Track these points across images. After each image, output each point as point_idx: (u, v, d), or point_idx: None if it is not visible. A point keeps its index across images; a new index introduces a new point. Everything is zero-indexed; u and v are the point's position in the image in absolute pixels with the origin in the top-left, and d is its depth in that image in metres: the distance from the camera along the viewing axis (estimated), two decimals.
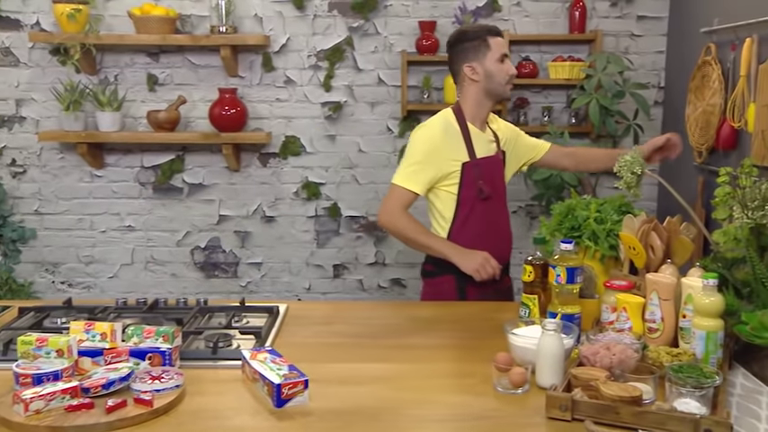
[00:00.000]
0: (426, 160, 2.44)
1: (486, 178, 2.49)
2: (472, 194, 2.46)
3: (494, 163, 2.54)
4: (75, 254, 3.96)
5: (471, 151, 2.47)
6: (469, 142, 2.48)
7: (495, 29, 2.52)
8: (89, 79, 3.78)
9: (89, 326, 1.73)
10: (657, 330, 1.80)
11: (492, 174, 2.52)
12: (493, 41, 2.47)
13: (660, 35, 3.77)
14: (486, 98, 2.51)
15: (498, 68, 2.47)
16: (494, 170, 2.53)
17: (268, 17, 3.76)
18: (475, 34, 2.50)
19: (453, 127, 2.48)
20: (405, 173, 2.45)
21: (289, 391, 1.55)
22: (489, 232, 2.51)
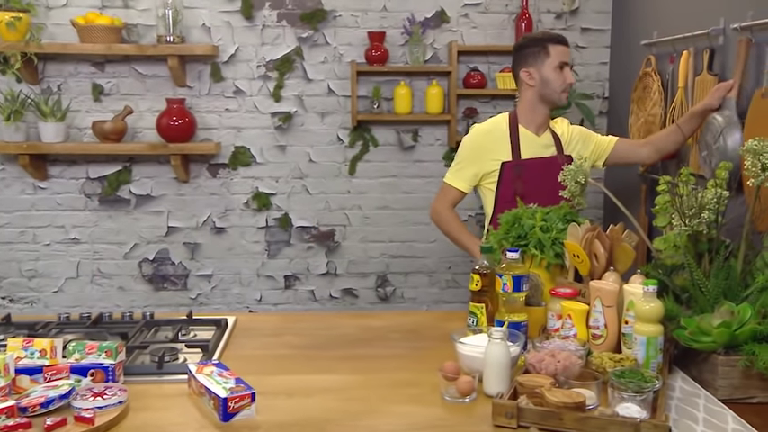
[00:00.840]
0: (468, 159, 2.70)
1: (528, 179, 2.61)
2: (510, 193, 2.61)
3: (546, 165, 2.61)
4: (18, 268, 3.85)
5: (516, 152, 2.64)
6: (516, 144, 2.65)
7: (559, 37, 2.65)
8: (31, 89, 3.69)
9: (28, 342, 1.69)
10: (601, 337, 1.84)
11: (540, 175, 2.59)
12: (553, 49, 2.61)
13: (603, 47, 3.86)
14: (541, 103, 2.68)
15: (555, 76, 2.62)
16: (544, 172, 2.57)
17: (216, 27, 3.73)
18: (537, 41, 2.66)
19: (501, 129, 2.68)
20: (451, 171, 2.76)
21: (235, 404, 1.54)
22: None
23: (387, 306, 3.99)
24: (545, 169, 2.62)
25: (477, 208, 3.93)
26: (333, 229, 3.93)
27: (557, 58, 2.63)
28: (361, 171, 3.90)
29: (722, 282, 1.81)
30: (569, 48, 2.72)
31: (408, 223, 3.95)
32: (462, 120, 3.85)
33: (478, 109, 3.87)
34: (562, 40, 2.66)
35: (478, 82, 3.77)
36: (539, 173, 2.62)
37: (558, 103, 2.72)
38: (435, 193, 3.90)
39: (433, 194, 3.90)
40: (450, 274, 4.01)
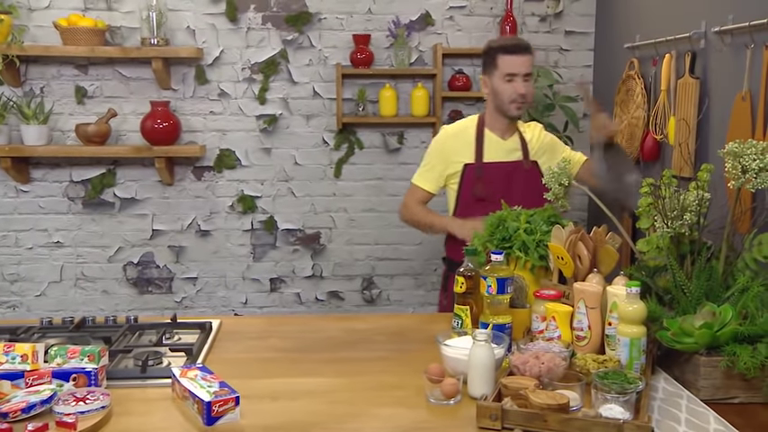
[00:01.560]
0: (435, 160, 2.73)
1: (489, 182, 2.62)
2: (470, 195, 2.66)
3: (508, 169, 2.64)
4: (0, 272, 3.82)
5: (479, 155, 2.65)
6: (480, 147, 2.65)
7: (512, 47, 2.59)
8: (13, 91, 3.66)
9: (8, 347, 1.67)
10: (585, 338, 1.85)
11: (501, 179, 2.62)
12: (501, 60, 2.57)
13: (587, 50, 3.89)
14: (496, 111, 2.67)
15: (504, 87, 2.59)
16: (506, 176, 2.63)
17: (201, 30, 3.72)
18: (490, 50, 2.64)
19: (468, 131, 2.69)
20: (419, 172, 2.80)
21: (219, 408, 1.53)
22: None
23: (373, 308, 3.99)
24: (507, 173, 2.65)
25: None
26: (318, 232, 3.93)
27: (505, 68, 2.58)
28: (347, 173, 3.90)
29: (704, 283, 1.83)
30: (528, 56, 2.61)
31: (394, 226, 3.95)
32: (447, 122, 3.85)
33: (463, 111, 3.88)
34: (514, 50, 2.58)
35: (463, 84, 3.78)
36: (500, 176, 2.64)
37: (509, 114, 2.64)
38: None
39: None
40: (437, 276, 4.01)
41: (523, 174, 2.66)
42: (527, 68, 2.60)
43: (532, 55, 2.63)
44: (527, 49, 2.62)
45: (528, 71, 2.62)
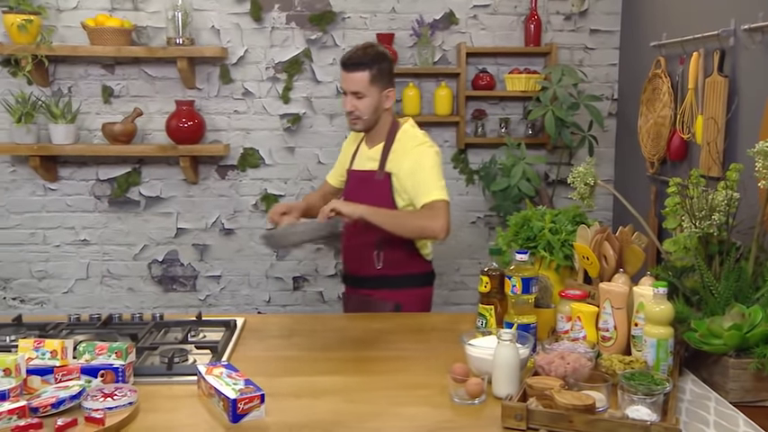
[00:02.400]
0: (338, 158, 2.82)
1: (347, 190, 2.64)
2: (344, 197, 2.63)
3: (363, 179, 2.57)
4: (28, 269, 3.87)
5: (351, 161, 2.67)
6: (355, 153, 2.66)
7: (344, 62, 2.46)
8: (42, 91, 3.71)
9: (39, 343, 1.70)
10: (611, 339, 1.83)
11: (357, 187, 2.57)
12: (342, 74, 2.50)
13: (613, 48, 3.85)
14: None
15: (342, 98, 2.57)
16: (361, 185, 2.57)
17: (225, 29, 3.74)
18: (342, 59, 2.51)
19: (357, 136, 2.68)
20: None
21: (245, 405, 1.54)
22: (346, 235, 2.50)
23: None
24: (362, 183, 2.56)
25: (486, 209, 3.93)
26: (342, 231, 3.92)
27: (342, 81, 2.51)
28: None
29: (733, 284, 1.80)
30: (360, 73, 2.43)
31: None
32: (471, 121, 3.85)
33: (487, 111, 3.86)
34: (345, 65, 2.46)
35: (487, 83, 3.76)
36: (356, 184, 2.60)
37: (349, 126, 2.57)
38: None
39: None
40: (459, 275, 4.00)
41: (373, 184, 2.52)
42: (356, 87, 2.44)
43: (369, 72, 2.43)
44: (360, 65, 2.43)
45: (356, 90, 2.44)
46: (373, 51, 2.49)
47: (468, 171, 3.92)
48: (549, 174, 3.92)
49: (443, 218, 2.37)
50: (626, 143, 3.75)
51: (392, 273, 2.54)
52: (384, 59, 2.49)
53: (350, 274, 2.69)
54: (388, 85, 2.52)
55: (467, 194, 3.94)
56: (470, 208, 3.95)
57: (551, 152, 3.85)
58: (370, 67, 2.44)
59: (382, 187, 2.50)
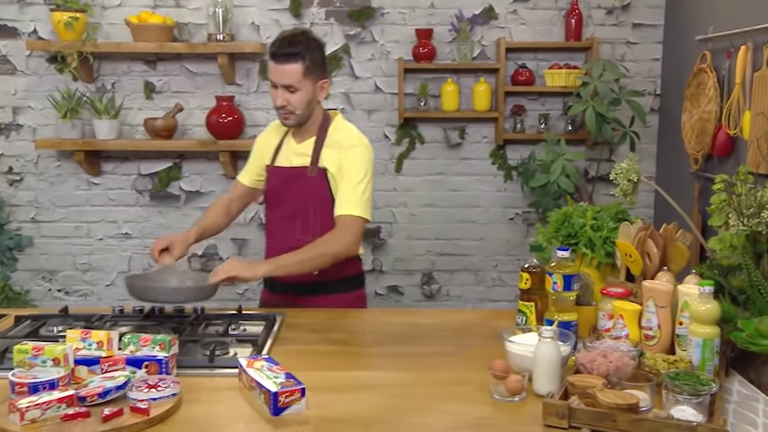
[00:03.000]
0: (252, 153, 2.55)
1: (272, 187, 2.42)
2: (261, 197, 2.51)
3: (292, 176, 2.37)
4: (72, 262, 3.95)
5: (274, 157, 2.44)
6: (279, 148, 2.44)
7: (274, 53, 2.24)
8: (86, 87, 3.78)
9: (85, 334, 1.73)
10: (654, 338, 1.81)
11: (285, 185, 2.39)
12: (269, 63, 2.28)
13: (656, 43, 3.78)
14: None
15: (270, 92, 2.33)
16: (290, 182, 2.38)
17: (265, 25, 3.77)
18: (270, 45, 2.30)
19: (277, 129, 2.47)
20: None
21: (286, 399, 1.55)
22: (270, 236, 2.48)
23: (432, 304, 3.99)
24: (295, 179, 2.37)
25: (525, 206, 3.90)
26: (379, 227, 3.94)
27: (269, 73, 2.29)
28: (408, 168, 3.89)
29: None
30: (293, 65, 2.22)
31: (454, 221, 3.94)
32: (510, 117, 3.82)
33: (526, 106, 3.83)
34: (275, 57, 2.24)
35: (527, 79, 3.73)
36: (286, 180, 2.39)
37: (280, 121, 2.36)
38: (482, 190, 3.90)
39: (480, 192, 3.91)
40: (497, 272, 3.98)
41: (307, 181, 2.35)
42: (288, 80, 2.23)
43: (302, 64, 2.22)
44: (291, 57, 2.22)
45: (288, 83, 2.24)
46: (305, 40, 2.27)
47: (506, 167, 3.89)
48: (589, 170, 3.87)
49: (352, 235, 2.27)
50: (669, 139, 3.68)
51: (328, 278, 2.36)
52: (318, 48, 2.30)
53: (278, 280, 2.41)
54: (322, 76, 2.32)
55: (505, 191, 3.92)
56: (508, 204, 3.93)
57: (591, 148, 3.81)
58: (304, 58, 2.23)
59: (317, 184, 2.34)
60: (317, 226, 2.34)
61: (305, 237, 2.32)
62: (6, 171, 3.86)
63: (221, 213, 2.56)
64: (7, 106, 3.80)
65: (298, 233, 2.35)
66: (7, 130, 3.83)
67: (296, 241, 2.31)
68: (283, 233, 2.39)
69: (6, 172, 3.86)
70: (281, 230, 2.41)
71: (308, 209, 2.36)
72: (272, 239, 2.47)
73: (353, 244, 2.30)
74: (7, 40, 3.74)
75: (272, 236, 2.47)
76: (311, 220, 2.36)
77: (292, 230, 2.37)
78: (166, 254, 2.30)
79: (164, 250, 2.31)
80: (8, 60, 3.77)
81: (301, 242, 2.29)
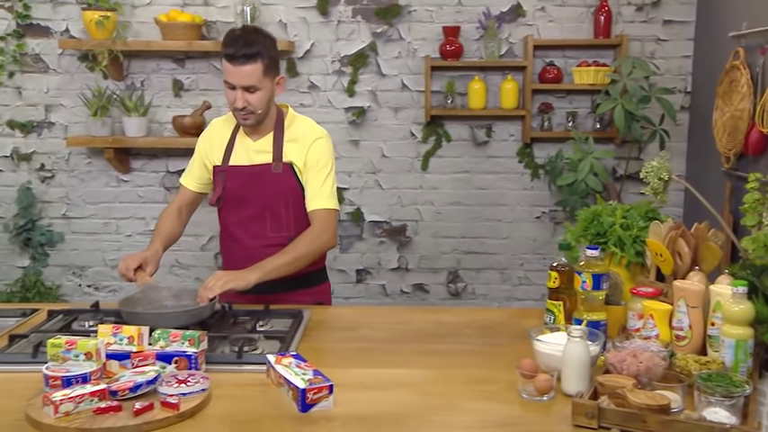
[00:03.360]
0: (195, 156, 2.46)
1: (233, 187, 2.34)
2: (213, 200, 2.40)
3: (255, 174, 2.32)
4: (102, 257, 4.01)
5: (226, 157, 2.36)
6: (230, 148, 2.36)
7: (231, 54, 2.16)
8: (116, 85, 3.83)
9: (116, 329, 1.75)
10: (685, 338, 1.78)
11: (249, 184, 2.33)
12: (225, 65, 2.19)
13: (687, 39, 3.73)
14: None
15: (226, 93, 2.24)
16: (254, 180, 2.32)
17: (292, 23, 3.78)
18: (223, 45, 2.20)
19: (222, 128, 2.40)
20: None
21: (314, 396, 1.56)
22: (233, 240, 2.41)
23: (457, 302, 3.98)
24: (251, 178, 2.32)
25: (552, 204, 3.87)
26: (405, 224, 3.94)
27: (225, 74, 2.21)
28: (434, 166, 3.89)
29: None
30: (252, 65, 2.16)
31: (480, 219, 3.92)
32: (537, 115, 3.80)
33: (554, 104, 3.80)
34: (232, 58, 2.15)
35: (554, 77, 3.70)
36: (244, 182, 2.33)
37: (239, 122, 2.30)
38: (509, 189, 3.88)
39: (506, 190, 3.89)
40: (523, 271, 3.95)
41: (273, 177, 2.31)
42: (248, 81, 2.18)
43: (262, 63, 2.17)
44: (251, 57, 2.15)
45: (249, 84, 2.18)
46: (262, 38, 2.21)
47: (533, 165, 3.87)
48: (617, 168, 3.83)
49: (332, 229, 2.30)
50: (699, 137, 3.63)
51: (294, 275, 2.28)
52: (273, 45, 2.25)
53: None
54: (278, 72, 2.29)
55: (531, 189, 3.89)
56: (535, 203, 3.90)
57: (620, 146, 3.77)
58: (263, 57, 2.18)
59: (285, 179, 2.31)
60: (290, 221, 2.34)
61: (278, 233, 2.32)
62: (39, 168, 3.92)
63: (175, 221, 2.46)
64: (40, 104, 3.86)
65: (269, 231, 2.34)
66: (39, 127, 3.89)
67: (268, 240, 2.32)
68: (252, 233, 2.35)
69: (39, 169, 3.92)
70: (249, 231, 2.36)
71: (279, 205, 2.33)
72: (235, 242, 2.40)
73: (334, 237, 2.32)
74: (40, 39, 3.80)
75: (236, 238, 2.39)
76: (283, 215, 2.34)
77: (263, 229, 2.35)
78: (140, 272, 2.22)
79: (137, 268, 2.23)
80: (41, 59, 3.83)
81: (274, 240, 2.30)
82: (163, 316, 1.96)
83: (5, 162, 3.92)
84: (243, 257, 2.29)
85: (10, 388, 1.69)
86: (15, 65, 3.80)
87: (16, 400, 1.60)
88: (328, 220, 2.31)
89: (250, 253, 2.30)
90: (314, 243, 2.27)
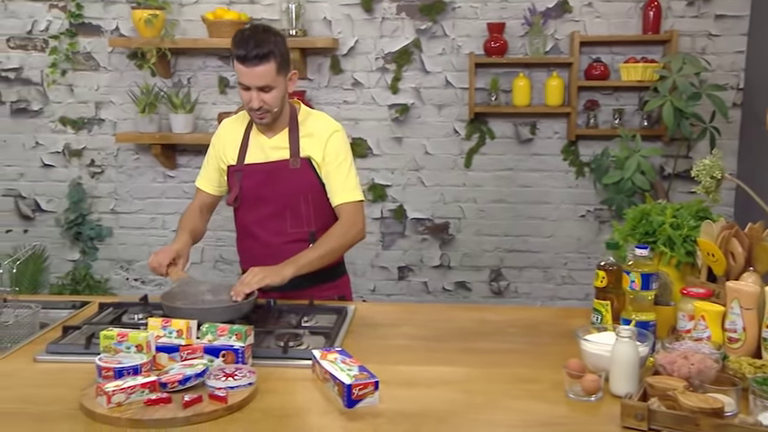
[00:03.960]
0: (208, 157, 2.44)
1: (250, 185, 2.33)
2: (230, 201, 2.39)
3: (272, 171, 2.31)
4: (148, 252, 4.06)
5: (241, 156, 2.34)
6: (244, 146, 2.34)
7: (244, 56, 2.13)
8: (164, 82, 3.89)
9: (166, 322, 1.78)
10: (739, 340, 1.74)
11: (267, 181, 2.31)
12: (236, 66, 2.18)
13: (740, 35, 3.64)
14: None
15: (241, 94, 2.23)
16: (272, 177, 2.31)
17: (337, 20, 3.79)
18: (234, 44, 2.17)
19: (234, 128, 2.38)
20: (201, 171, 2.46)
21: (359, 391, 1.56)
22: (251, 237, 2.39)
23: (500, 300, 3.95)
24: (269, 175, 2.31)
25: (597, 203, 3.81)
26: (447, 222, 3.92)
27: (239, 76, 2.19)
28: (477, 164, 3.86)
29: None
30: (265, 66, 2.14)
31: (524, 217, 3.89)
32: (583, 112, 3.75)
33: (600, 101, 3.74)
34: (244, 59, 2.13)
35: (601, 73, 3.65)
36: (262, 180, 2.32)
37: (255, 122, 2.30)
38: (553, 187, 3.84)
39: (550, 188, 3.85)
40: (566, 270, 3.91)
41: (291, 173, 2.30)
42: (263, 81, 2.16)
43: (274, 62, 2.16)
44: (264, 57, 2.14)
45: (263, 84, 2.17)
46: (272, 36, 2.18)
47: (578, 163, 3.82)
48: (665, 167, 3.76)
49: (360, 221, 2.32)
50: (752, 135, 3.54)
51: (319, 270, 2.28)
52: (283, 41, 2.23)
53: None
54: (290, 68, 2.26)
55: (576, 187, 3.85)
56: (580, 201, 3.85)
57: (668, 144, 3.70)
58: (275, 56, 2.16)
59: (303, 175, 2.30)
60: (310, 216, 2.34)
61: (299, 229, 2.33)
62: (89, 164, 4.01)
63: (197, 219, 2.46)
64: (91, 101, 3.95)
65: (289, 227, 2.34)
66: (90, 124, 3.98)
67: (289, 236, 2.33)
68: (273, 231, 2.35)
69: (89, 165, 4.01)
70: (269, 229, 2.35)
71: (299, 201, 2.32)
72: (254, 240, 2.39)
73: (363, 229, 2.34)
74: (92, 38, 3.89)
75: (256, 236, 2.38)
76: (303, 211, 2.33)
77: (283, 226, 2.34)
78: (173, 266, 2.22)
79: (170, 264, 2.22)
80: (92, 57, 3.91)
81: (295, 236, 2.32)
82: (205, 311, 1.98)
83: (58, 158, 4.02)
84: (263, 255, 2.29)
85: (64, 377, 1.73)
86: (68, 63, 3.90)
87: (70, 390, 1.64)
88: (357, 213, 2.32)
89: (271, 251, 2.30)
90: (344, 237, 2.28)
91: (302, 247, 2.27)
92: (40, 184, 4.05)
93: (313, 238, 2.32)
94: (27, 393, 1.66)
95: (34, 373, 1.78)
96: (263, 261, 2.20)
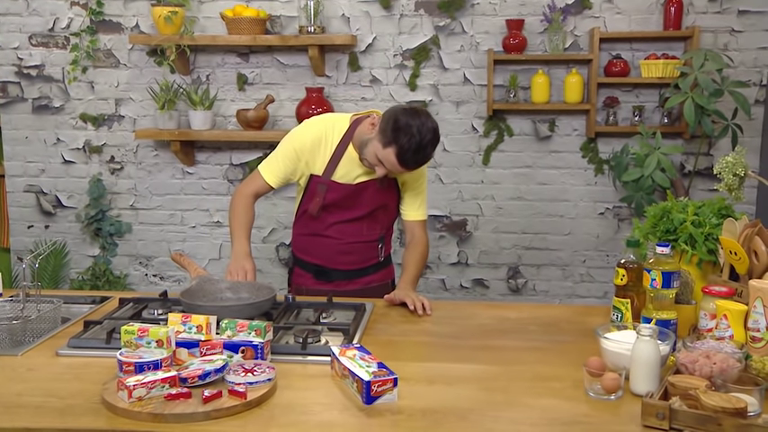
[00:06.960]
0: (286, 156, 2.43)
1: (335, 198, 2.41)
2: (308, 206, 2.46)
3: (360, 188, 2.41)
4: (167, 248, 4.10)
5: (330, 169, 2.38)
6: (335, 160, 2.38)
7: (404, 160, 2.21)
8: (183, 79, 3.91)
9: (186, 318, 1.79)
10: (762, 340, 1.72)
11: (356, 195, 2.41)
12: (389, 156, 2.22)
13: (763, 30, 3.59)
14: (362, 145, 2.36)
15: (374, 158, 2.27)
16: (361, 192, 2.41)
17: (355, 17, 3.79)
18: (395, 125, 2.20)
19: (330, 139, 2.39)
20: (267, 160, 2.49)
21: (378, 388, 1.56)
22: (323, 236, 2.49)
23: (517, 298, 3.94)
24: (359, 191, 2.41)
25: (616, 200, 3.79)
26: (465, 219, 3.91)
27: (388, 163, 2.24)
28: (496, 161, 3.85)
29: None
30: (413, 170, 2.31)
31: (542, 215, 3.87)
32: (602, 109, 3.72)
33: (620, 98, 3.71)
34: (403, 162, 2.22)
35: (621, 70, 3.62)
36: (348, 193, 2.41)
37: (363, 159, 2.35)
38: (572, 184, 3.82)
39: (569, 186, 3.83)
40: (585, 268, 3.88)
41: (378, 190, 2.43)
42: (400, 174, 2.38)
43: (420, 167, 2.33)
44: (417, 164, 2.28)
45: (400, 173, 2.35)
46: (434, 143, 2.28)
47: (597, 160, 3.79)
48: (686, 164, 3.72)
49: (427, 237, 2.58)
50: None
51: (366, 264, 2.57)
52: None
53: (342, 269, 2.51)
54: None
55: (595, 185, 3.82)
56: (599, 199, 3.83)
57: (689, 142, 3.67)
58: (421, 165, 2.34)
59: (388, 191, 2.46)
60: (383, 222, 2.53)
61: (372, 232, 2.51)
62: (109, 160, 4.04)
63: (251, 208, 2.51)
64: (111, 98, 3.98)
65: (365, 231, 2.50)
66: (110, 120, 4.00)
67: (362, 237, 2.50)
68: (348, 233, 2.49)
69: (109, 161, 4.04)
70: (345, 232, 2.48)
71: (378, 211, 2.49)
72: (327, 239, 2.49)
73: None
74: (112, 35, 3.91)
75: (329, 236, 2.49)
76: (380, 218, 2.51)
77: (360, 230, 2.50)
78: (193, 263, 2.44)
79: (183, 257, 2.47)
80: (112, 54, 3.94)
81: (367, 237, 2.50)
82: (225, 309, 2.01)
83: (78, 154, 4.05)
84: (332, 252, 2.50)
85: (85, 372, 1.75)
86: (88, 60, 3.93)
87: (91, 384, 1.65)
88: (426, 230, 2.59)
89: (342, 248, 2.49)
90: (426, 255, 2.56)
91: (372, 248, 2.53)
92: (61, 180, 4.09)
93: (382, 240, 2.55)
94: (50, 387, 1.67)
95: (57, 367, 1.80)
96: (330, 257, 2.49)
